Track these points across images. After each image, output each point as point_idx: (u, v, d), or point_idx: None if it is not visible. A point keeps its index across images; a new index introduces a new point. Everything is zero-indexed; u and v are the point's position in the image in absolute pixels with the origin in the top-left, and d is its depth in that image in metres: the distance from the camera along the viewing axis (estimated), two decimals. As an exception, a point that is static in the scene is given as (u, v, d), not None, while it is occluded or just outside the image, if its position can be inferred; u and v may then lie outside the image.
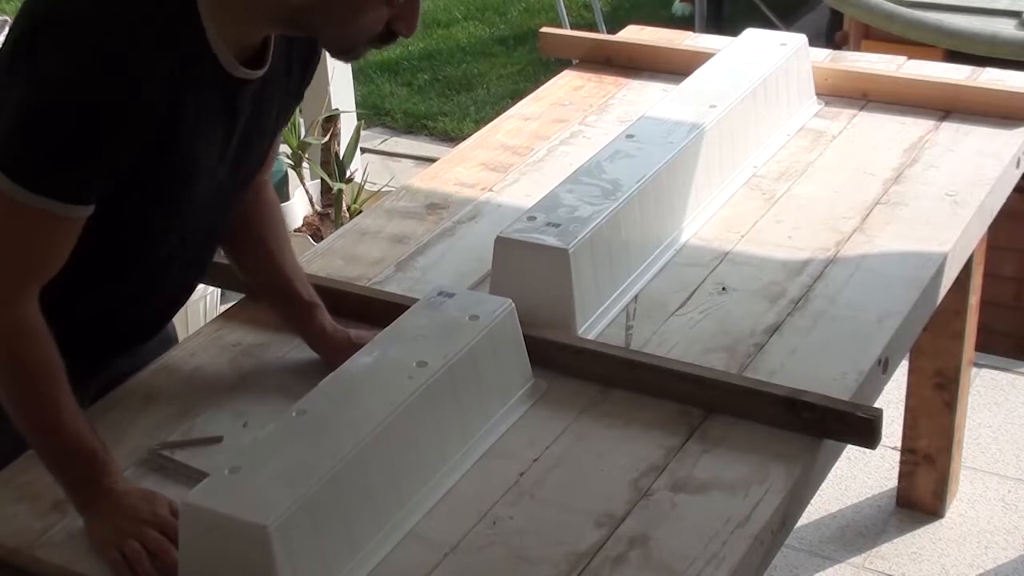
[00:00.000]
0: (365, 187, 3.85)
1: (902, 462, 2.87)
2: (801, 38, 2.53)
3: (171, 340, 2.01)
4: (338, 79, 3.98)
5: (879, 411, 1.66)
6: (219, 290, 3.47)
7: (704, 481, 1.62)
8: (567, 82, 2.73)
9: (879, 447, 1.74)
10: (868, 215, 2.16)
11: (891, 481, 2.93)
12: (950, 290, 2.19)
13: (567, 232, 1.89)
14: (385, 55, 5.88)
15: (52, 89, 1.44)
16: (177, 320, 3.42)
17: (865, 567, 2.75)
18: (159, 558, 1.51)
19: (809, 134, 2.44)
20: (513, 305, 1.77)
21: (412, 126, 5.26)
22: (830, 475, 1.87)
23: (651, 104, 2.37)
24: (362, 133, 4.02)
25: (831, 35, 4.55)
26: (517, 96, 3.31)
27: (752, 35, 2.55)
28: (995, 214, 2.31)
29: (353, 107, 4.16)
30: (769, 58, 2.42)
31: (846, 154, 2.37)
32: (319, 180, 3.84)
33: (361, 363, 1.67)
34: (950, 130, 2.42)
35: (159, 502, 1.57)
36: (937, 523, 2.86)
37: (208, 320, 2.49)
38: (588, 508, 1.58)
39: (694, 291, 1.99)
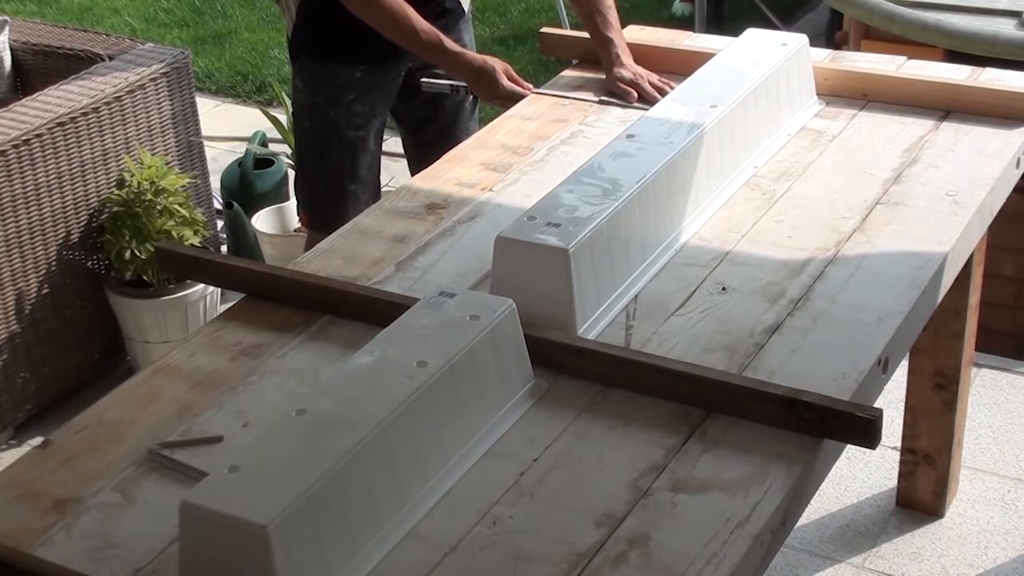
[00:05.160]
0: (365, 187, 3.83)
1: (902, 462, 2.88)
2: (801, 38, 2.53)
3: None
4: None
5: (879, 411, 1.66)
6: (219, 290, 3.47)
7: (704, 481, 1.62)
8: (567, 82, 2.73)
9: (879, 447, 1.74)
10: (868, 215, 2.16)
11: (891, 481, 2.93)
12: (950, 290, 2.19)
13: (567, 232, 1.89)
14: (385, 55, 5.86)
15: None
16: (177, 320, 3.43)
17: (865, 567, 2.75)
18: None
19: (809, 134, 2.44)
20: (514, 305, 1.77)
21: (412, 126, 5.24)
22: (830, 475, 1.87)
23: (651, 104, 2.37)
24: (362, 133, 4.00)
25: (831, 35, 4.55)
26: (517, 96, 3.29)
27: (752, 35, 2.55)
28: (995, 214, 2.31)
29: (353, 107, 4.14)
30: (769, 58, 2.42)
31: (846, 154, 2.37)
32: (319, 180, 3.82)
33: (361, 363, 1.67)
34: (950, 130, 2.42)
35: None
36: (937, 523, 2.86)
37: (208, 320, 2.49)
38: (588, 508, 1.58)
39: (694, 291, 1.99)
